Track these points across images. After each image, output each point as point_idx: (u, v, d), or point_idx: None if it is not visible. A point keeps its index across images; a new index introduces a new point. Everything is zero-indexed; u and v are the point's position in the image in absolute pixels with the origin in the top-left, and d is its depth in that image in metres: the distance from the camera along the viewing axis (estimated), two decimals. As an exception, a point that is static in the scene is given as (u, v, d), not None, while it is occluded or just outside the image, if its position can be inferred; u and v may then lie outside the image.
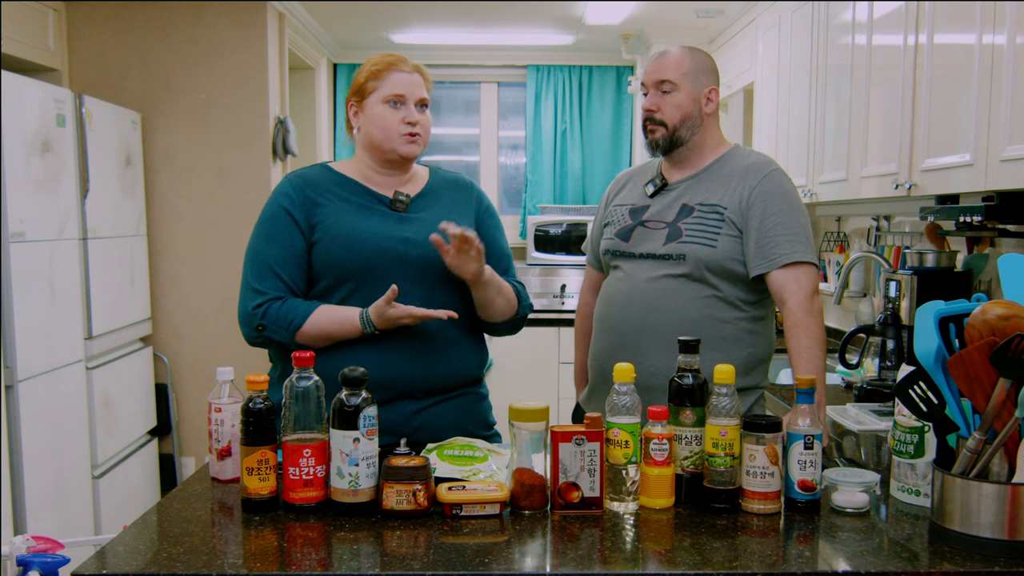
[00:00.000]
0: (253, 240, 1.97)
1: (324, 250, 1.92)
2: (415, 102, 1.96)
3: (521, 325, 2.11)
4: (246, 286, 1.93)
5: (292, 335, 1.88)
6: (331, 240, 1.92)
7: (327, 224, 1.93)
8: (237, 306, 1.96)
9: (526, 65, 5.75)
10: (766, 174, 2.09)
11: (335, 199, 1.96)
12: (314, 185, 1.97)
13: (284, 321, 1.88)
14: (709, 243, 2.06)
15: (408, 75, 1.96)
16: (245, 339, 1.96)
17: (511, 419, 1.57)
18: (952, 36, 2.32)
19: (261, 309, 1.89)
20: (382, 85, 1.95)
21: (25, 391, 3.07)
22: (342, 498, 1.54)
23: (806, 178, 3.41)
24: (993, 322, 1.42)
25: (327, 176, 2.00)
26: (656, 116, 2.12)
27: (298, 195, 1.95)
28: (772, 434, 1.54)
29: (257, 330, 1.90)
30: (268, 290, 1.90)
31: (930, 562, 1.36)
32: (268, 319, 1.89)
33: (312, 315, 1.89)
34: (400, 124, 1.94)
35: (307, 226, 1.93)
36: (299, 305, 1.90)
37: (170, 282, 4.31)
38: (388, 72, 1.95)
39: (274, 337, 1.90)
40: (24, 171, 3.09)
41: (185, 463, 4.38)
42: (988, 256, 2.68)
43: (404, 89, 1.95)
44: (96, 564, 1.35)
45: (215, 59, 4.24)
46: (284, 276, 1.91)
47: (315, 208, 1.94)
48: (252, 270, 1.93)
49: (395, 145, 1.95)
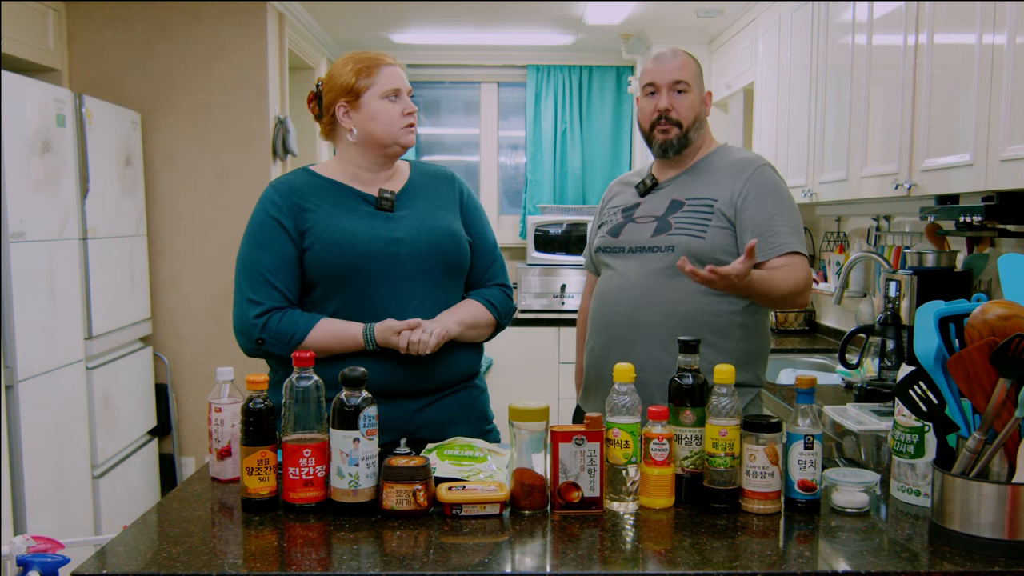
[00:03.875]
0: (244, 250, 1.95)
1: (316, 256, 1.91)
2: (407, 93, 2.01)
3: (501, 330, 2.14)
4: (241, 297, 1.92)
5: (292, 349, 1.86)
6: (323, 245, 1.91)
7: (317, 229, 1.92)
8: (232, 316, 1.94)
9: (526, 65, 5.75)
10: (757, 168, 2.11)
11: (322, 203, 1.96)
12: (299, 191, 1.96)
13: (285, 335, 1.88)
14: (698, 234, 2.07)
15: (395, 68, 2.00)
16: (242, 350, 1.94)
17: (511, 419, 1.57)
18: (952, 36, 2.32)
19: (261, 321, 1.88)
20: (376, 81, 1.96)
21: (25, 391, 3.07)
22: (342, 498, 1.54)
23: (806, 178, 3.41)
24: (993, 322, 1.42)
25: (311, 181, 2.00)
26: (672, 116, 2.12)
27: (285, 202, 1.94)
28: (772, 434, 1.54)
29: (257, 343, 1.89)
30: (264, 300, 1.89)
31: (930, 562, 1.36)
32: (268, 332, 1.88)
33: (313, 329, 1.88)
34: (401, 116, 1.97)
35: (297, 233, 1.92)
36: (299, 319, 1.89)
37: (170, 282, 4.31)
38: (379, 68, 1.97)
39: (274, 351, 1.89)
40: (24, 171, 3.09)
41: (185, 463, 4.38)
42: (988, 256, 2.68)
43: (398, 83, 1.99)
44: (96, 564, 1.35)
45: (215, 59, 4.24)
46: (279, 285, 1.90)
47: (303, 214, 1.93)
48: (246, 280, 1.92)
49: (398, 137, 1.98)
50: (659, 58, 2.15)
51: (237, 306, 1.92)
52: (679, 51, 2.16)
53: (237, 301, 1.93)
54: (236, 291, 1.93)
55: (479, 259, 2.07)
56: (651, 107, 2.14)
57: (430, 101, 6.11)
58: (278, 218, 1.93)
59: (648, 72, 2.15)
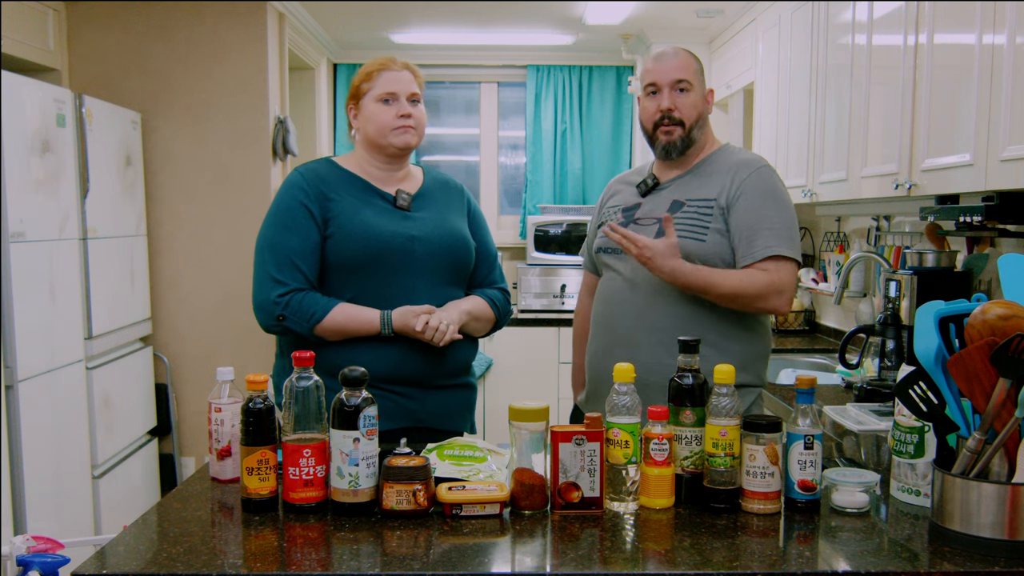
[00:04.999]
0: (268, 230, 2.03)
1: (338, 244, 2.00)
2: (407, 97, 2.07)
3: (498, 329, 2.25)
4: (265, 275, 2.00)
5: (311, 328, 1.97)
6: (345, 235, 2.00)
7: (341, 219, 2.01)
8: (252, 292, 2.02)
9: (526, 65, 5.75)
10: (755, 169, 2.11)
11: (345, 194, 2.05)
12: (324, 180, 2.06)
13: (306, 314, 1.97)
14: (699, 237, 2.07)
15: (397, 72, 2.07)
16: (261, 326, 2.03)
17: (511, 419, 1.57)
18: (952, 36, 2.32)
19: (284, 299, 1.97)
20: (375, 85, 2.07)
21: (25, 391, 3.07)
22: (342, 498, 1.55)
23: (806, 178, 3.41)
24: (993, 322, 1.42)
25: (334, 171, 2.09)
26: (675, 115, 2.11)
27: (312, 189, 2.03)
28: (772, 434, 1.54)
29: (277, 320, 1.98)
30: (289, 281, 1.98)
31: (930, 562, 1.36)
32: (290, 310, 1.97)
33: (332, 311, 1.97)
34: (393, 119, 2.05)
35: (322, 220, 2.02)
36: (320, 300, 1.99)
37: (170, 282, 4.31)
38: (379, 72, 2.07)
39: (293, 328, 1.98)
40: (24, 171, 3.09)
41: (185, 463, 4.38)
42: (988, 256, 2.68)
43: (395, 86, 2.05)
44: (96, 564, 1.35)
45: (215, 59, 4.24)
46: (303, 268, 1.99)
47: (328, 203, 2.03)
48: (272, 259, 2.00)
49: (390, 139, 2.06)
50: (660, 57, 2.14)
51: (258, 283, 2.02)
52: (680, 50, 2.16)
53: (259, 278, 2.02)
54: (257, 269, 2.02)
55: (482, 264, 2.20)
56: (653, 107, 2.14)
57: (430, 101, 6.09)
58: (306, 203, 2.02)
59: (649, 72, 2.14)
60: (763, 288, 2.01)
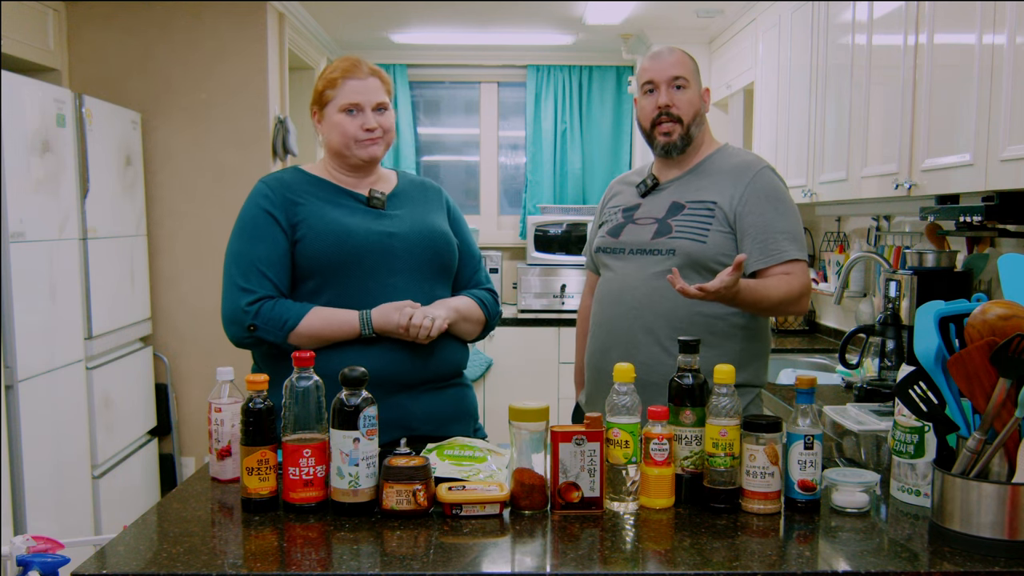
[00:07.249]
0: (234, 243, 1.96)
1: (310, 246, 1.92)
2: (372, 107, 1.98)
3: (488, 333, 2.15)
4: (232, 285, 1.92)
5: (285, 336, 1.88)
6: (316, 236, 1.92)
7: (310, 220, 1.93)
8: (221, 306, 1.94)
9: (526, 65, 5.74)
10: (758, 171, 2.11)
11: (313, 198, 1.98)
12: (290, 186, 1.99)
13: (278, 321, 1.88)
14: (699, 238, 2.07)
15: (363, 81, 1.97)
16: (232, 340, 1.94)
17: (511, 419, 1.57)
18: (952, 36, 2.32)
19: (253, 308, 1.89)
20: (338, 94, 1.97)
21: (25, 391, 3.07)
22: (342, 498, 1.55)
23: (806, 178, 3.41)
24: (993, 322, 1.42)
25: (301, 177, 2.02)
26: (673, 112, 2.11)
27: (276, 196, 1.96)
28: (772, 434, 1.54)
29: (248, 330, 1.89)
30: (257, 289, 1.90)
31: (930, 562, 1.36)
32: (260, 319, 1.88)
33: (307, 315, 1.88)
34: (358, 131, 1.97)
35: (288, 225, 1.93)
36: (292, 306, 1.90)
37: (170, 282, 4.31)
38: (343, 80, 1.97)
39: (266, 338, 1.89)
40: (24, 171, 3.09)
41: (185, 463, 4.38)
42: (988, 256, 2.68)
43: (359, 97, 1.96)
44: (96, 564, 1.35)
45: (215, 59, 4.24)
46: (271, 276, 1.91)
47: (294, 207, 1.95)
48: (238, 270, 1.92)
49: (354, 151, 1.98)
50: (656, 56, 2.15)
51: (227, 295, 1.93)
52: (675, 49, 2.17)
53: (227, 290, 1.93)
54: (225, 281, 1.94)
55: (466, 266, 2.12)
56: (651, 105, 2.14)
57: (430, 101, 6.11)
58: (270, 211, 1.94)
59: (646, 70, 2.15)
60: (799, 293, 2.03)
